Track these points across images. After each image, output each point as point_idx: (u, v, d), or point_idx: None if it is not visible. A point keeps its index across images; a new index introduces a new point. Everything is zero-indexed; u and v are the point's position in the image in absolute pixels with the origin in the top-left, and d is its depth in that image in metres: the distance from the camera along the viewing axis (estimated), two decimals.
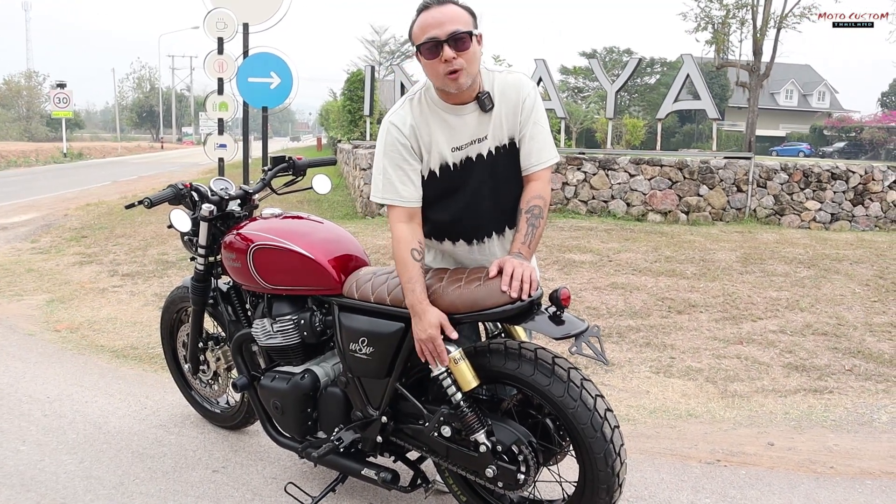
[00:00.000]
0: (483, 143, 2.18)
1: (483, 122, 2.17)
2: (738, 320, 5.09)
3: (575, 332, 2.00)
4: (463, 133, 2.17)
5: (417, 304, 2.09)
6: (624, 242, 7.84)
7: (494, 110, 2.16)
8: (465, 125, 2.16)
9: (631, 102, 45.93)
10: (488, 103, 2.14)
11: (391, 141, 2.17)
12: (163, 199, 2.74)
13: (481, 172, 2.20)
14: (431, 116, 2.17)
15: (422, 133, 2.17)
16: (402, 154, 2.16)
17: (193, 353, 3.14)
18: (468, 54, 2.02)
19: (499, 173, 2.21)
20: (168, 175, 22.83)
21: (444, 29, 1.99)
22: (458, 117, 2.16)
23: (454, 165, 2.19)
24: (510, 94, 2.17)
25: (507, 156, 2.21)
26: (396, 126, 2.17)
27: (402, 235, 2.16)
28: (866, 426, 3.46)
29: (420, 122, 2.17)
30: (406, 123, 2.16)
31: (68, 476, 2.81)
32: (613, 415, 2.07)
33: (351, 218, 9.94)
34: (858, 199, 10.00)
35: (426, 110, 2.18)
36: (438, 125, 2.17)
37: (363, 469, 2.39)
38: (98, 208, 11.87)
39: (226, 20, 8.76)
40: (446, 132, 2.17)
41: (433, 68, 2.05)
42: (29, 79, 57.76)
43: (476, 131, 2.17)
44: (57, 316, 5.34)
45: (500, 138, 2.19)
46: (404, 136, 2.16)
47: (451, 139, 2.17)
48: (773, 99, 50.44)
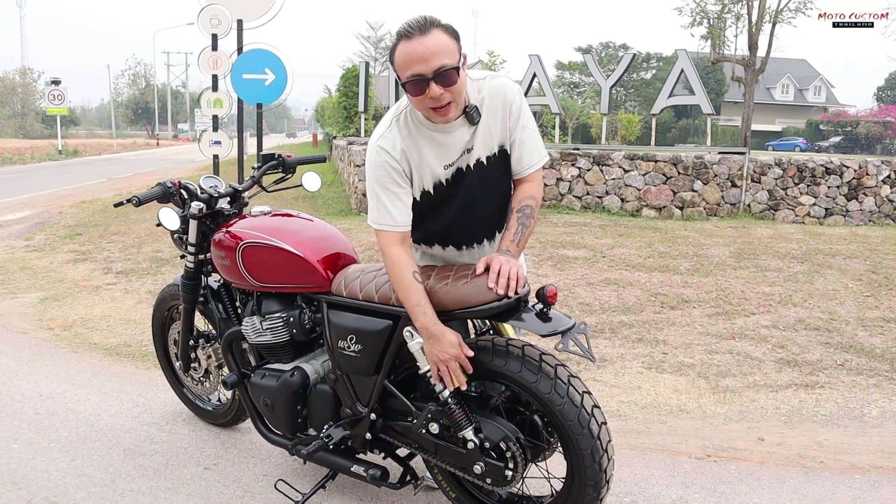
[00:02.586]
0: (471, 153, 2.15)
1: (470, 134, 2.14)
2: (731, 315, 5.10)
3: (562, 329, 2.00)
4: (453, 149, 2.14)
5: (432, 325, 2.04)
6: (618, 238, 7.85)
7: (482, 121, 2.13)
8: (454, 141, 2.13)
9: (626, 98, 45.91)
10: (476, 116, 2.10)
11: (381, 164, 2.12)
12: (151, 197, 2.74)
13: (472, 181, 2.18)
14: (420, 137, 2.13)
15: (412, 155, 2.13)
16: (393, 178, 2.12)
17: (184, 351, 3.14)
18: (456, 88, 1.97)
19: (490, 181, 2.20)
20: (164, 172, 22.81)
21: (430, 65, 1.92)
22: (448, 135, 2.12)
23: (447, 181, 2.17)
24: (497, 101, 2.14)
25: (497, 163, 2.19)
26: (386, 150, 2.11)
27: (399, 259, 2.11)
28: (856, 421, 3.48)
29: (409, 144, 2.12)
30: (396, 148, 2.12)
31: (60, 474, 2.81)
32: (601, 411, 2.08)
33: (346, 214, 9.94)
34: (852, 194, 10.02)
35: (413, 131, 2.13)
36: (428, 145, 2.13)
37: (353, 466, 2.40)
38: (93, 206, 11.84)
39: (220, 16, 8.75)
40: (437, 151, 2.13)
41: (420, 103, 2.01)
42: (24, 76, 57.55)
43: (466, 143, 2.14)
44: (50, 314, 5.34)
45: (490, 147, 2.17)
46: (395, 161, 2.11)
47: (442, 157, 2.14)
48: (769, 94, 50.47)
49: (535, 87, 11.73)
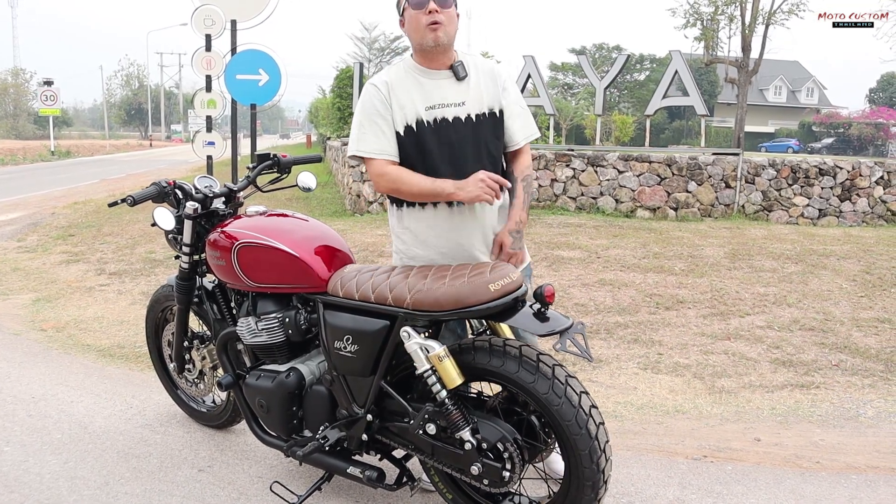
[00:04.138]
0: (461, 107, 2.36)
1: (460, 90, 2.36)
2: (726, 316, 5.11)
3: (559, 329, 2.00)
4: (434, 94, 2.35)
5: (454, 182, 2.24)
6: (612, 239, 7.86)
7: (472, 80, 2.38)
8: (437, 87, 2.36)
9: (620, 99, 45.97)
10: (462, 71, 2.36)
11: (367, 98, 2.37)
12: (146, 196, 2.72)
13: (461, 134, 2.35)
14: (406, 77, 2.38)
15: (395, 88, 2.35)
16: (376, 108, 2.35)
17: (179, 352, 3.12)
18: (449, 13, 2.28)
19: (481, 138, 2.38)
20: (157, 172, 22.72)
21: None
22: (432, 80, 2.36)
23: (429, 123, 2.34)
24: (485, 69, 2.43)
25: (488, 124, 2.39)
26: (374, 84, 2.38)
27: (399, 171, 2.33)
28: (852, 421, 3.48)
29: (395, 80, 2.37)
30: (381, 80, 2.38)
31: (53, 476, 2.79)
32: (598, 411, 2.07)
33: (340, 215, 9.91)
34: (846, 195, 10.05)
35: (401, 73, 2.39)
36: (413, 84, 2.37)
37: (349, 467, 2.39)
38: (85, 207, 11.78)
39: (213, 17, 8.71)
40: (419, 91, 2.36)
41: (416, 20, 2.26)
42: (16, 76, 57.26)
43: (452, 96, 2.36)
44: (43, 315, 5.30)
45: (480, 106, 2.38)
46: (380, 92, 2.35)
47: (424, 98, 2.35)
48: (761, 95, 50.62)
49: (529, 87, 11.73)
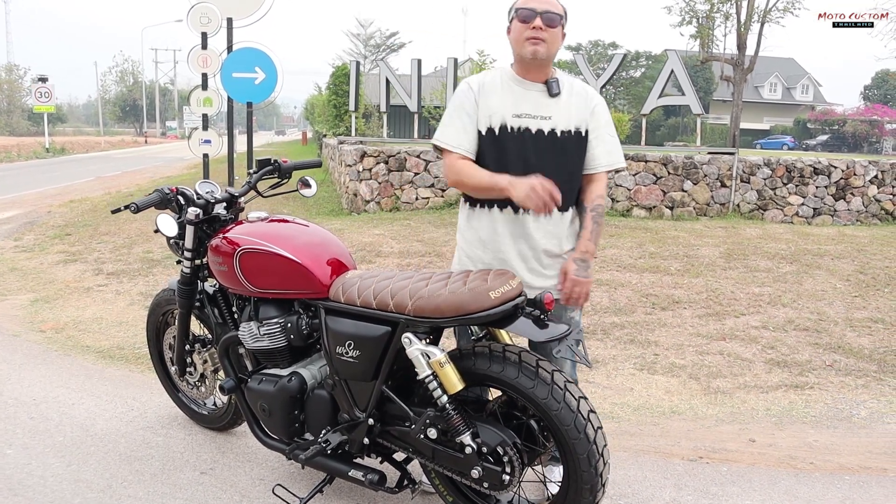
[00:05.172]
0: (547, 121, 2.41)
1: (550, 105, 2.42)
2: (722, 316, 5.15)
3: (558, 336, 2.03)
4: (523, 104, 2.42)
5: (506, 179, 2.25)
6: (609, 238, 7.89)
7: (563, 98, 2.43)
8: (528, 98, 2.42)
9: (616, 96, 46.03)
10: (555, 88, 2.42)
11: (459, 94, 2.47)
12: (149, 203, 2.75)
13: (543, 146, 2.40)
14: (501, 83, 2.46)
15: (487, 91, 2.43)
16: (464, 105, 2.44)
17: (180, 356, 3.14)
18: (554, 32, 2.35)
19: (562, 154, 2.43)
20: (153, 170, 22.69)
21: (543, 6, 2.34)
22: (525, 90, 2.43)
23: (512, 129, 2.40)
24: (579, 92, 2.47)
25: (573, 142, 2.44)
26: (468, 83, 2.48)
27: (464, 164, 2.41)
28: (845, 421, 3.53)
29: (489, 84, 2.45)
30: (476, 81, 2.47)
31: (56, 479, 2.81)
32: (597, 416, 2.11)
33: (337, 214, 9.93)
34: (840, 194, 10.11)
35: (497, 78, 2.48)
36: (505, 91, 2.44)
37: (350, 470, 2.42)
38: (82, 205, 11.77)
39: (209, 14, 8.70)
40: (510, 98, 2.42)
41: (520, 32, 2.35)
42: (9, 72, 57.09)
43: (540, 108, 2.41)
44: (42, 316, 5.31)
45: (567, 124, 2.43)
46: (471, 91, 2.44)
47: (513, 105, 2.42)
48: (757, 92, 50.74)
49: None
